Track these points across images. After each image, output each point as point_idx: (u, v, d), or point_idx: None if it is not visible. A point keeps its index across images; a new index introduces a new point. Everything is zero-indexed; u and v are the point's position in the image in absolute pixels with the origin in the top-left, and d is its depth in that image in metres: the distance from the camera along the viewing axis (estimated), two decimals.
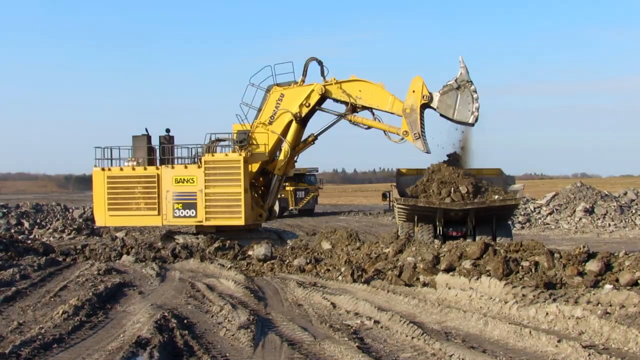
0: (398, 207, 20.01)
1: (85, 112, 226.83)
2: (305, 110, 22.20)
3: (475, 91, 20.42)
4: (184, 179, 21.99)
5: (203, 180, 21.56)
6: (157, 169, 22.23)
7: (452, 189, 19.60)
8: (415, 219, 19.87)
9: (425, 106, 21.01)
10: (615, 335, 8.58)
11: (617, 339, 8.53)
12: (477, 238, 18.19)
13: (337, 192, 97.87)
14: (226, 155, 22.25)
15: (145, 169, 22.38)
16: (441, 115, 20.79)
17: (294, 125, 22.35)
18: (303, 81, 22.41)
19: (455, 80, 20.40)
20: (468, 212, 19.05)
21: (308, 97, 22.07)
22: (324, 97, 22.15)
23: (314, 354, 8.64)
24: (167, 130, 23.31)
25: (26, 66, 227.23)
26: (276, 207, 32.77)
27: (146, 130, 23.23)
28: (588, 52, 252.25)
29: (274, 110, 22.34)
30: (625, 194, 37.22)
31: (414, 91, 21.03)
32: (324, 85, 21.99)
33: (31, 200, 46.22)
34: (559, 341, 8.41)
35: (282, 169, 23.03)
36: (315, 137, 23.06)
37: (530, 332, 8.95)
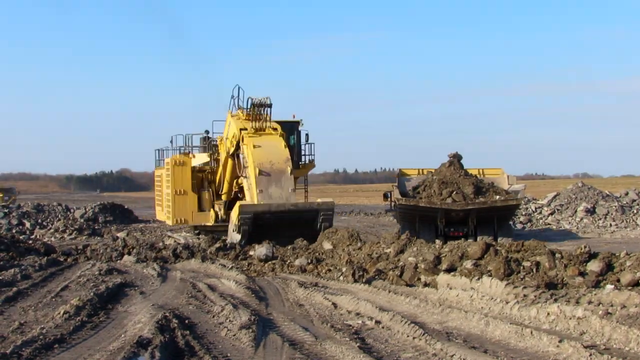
0: (399, 208, 20.04)
1: (86, 112, 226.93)
2: (232, 149, 23.14)
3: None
4: None
5: None
6: None
7: (453, 189, 19.59)
8: (417, 219, 19.93)
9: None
10: (617, 335, 8.58)
11: (618, 339, 8.52)
12: (479, 238, 18.26)
13: (338, 192, 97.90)
14: None
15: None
16: None
17: (229, 162, 23.72)
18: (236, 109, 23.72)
19: None
20: (469, 213, 19.08)
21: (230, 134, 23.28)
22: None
23: (315, 354, 8.65)
24: (207, 132, 24.58)
25: (27, 66, 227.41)
26: None
27: (206, 132, 24.59)
28: (589, 52, 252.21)
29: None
30: (627, 194, 37.19)
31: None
32: (240, 130, 22.54)
33: (32, 200, 46.27)
34: (560, 341, 8.40)
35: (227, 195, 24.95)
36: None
37: (531, 332, 8.94)
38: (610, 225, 32.79)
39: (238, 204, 20.94)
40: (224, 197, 24.88)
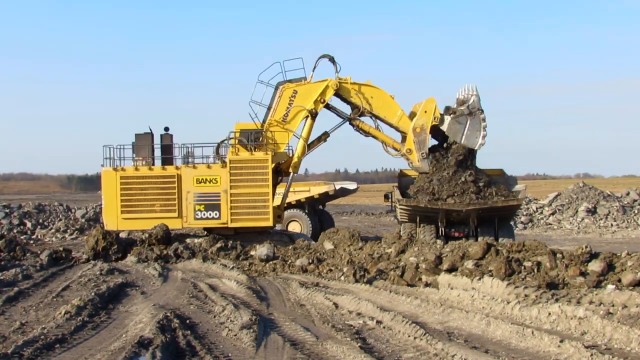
0: (400, 208, 20.19)
1: (87, 111, 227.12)
2: (320, 107, 22.19)
3: (484, 120, 21.29)
4: (206, 179, 21.33)
5: (228, 181, 20.98)
6: (177, 168, 21.48)
7: (454, 190, 19.83)
8: (417, 220, 20.14)
9: (434, 126, 21.53)
10: (618, 335, 8.58)
11: (619, 339, 8.52)
12: (480, 239, 18.33)
13: None
14: (252, 154, 21.55)
15: (164, 168, 21.61)
16: (446, 136, 21.55)
17: (309, 122, 22.31)
18: (312, 77, 22.31)
19: (467, 107, 21.17)
20: (470, 213, 19.25)
21: (323, 92, 22.03)
22: (336, 94, 22.12)
23: (316, 354, 8.64)
24: (166, 129, 22.77)
25: (28, 66, 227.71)
26: None
27: (149, 128, 22.67)
28: (590, 52, 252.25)
29: (287, 108, 22.07)
30: (628, 194, 37.21)
31: (425, 111, 21.63)
32: (339, 82, 21.95)
33: (34, 200, 46.27)
34: (561, 341, 8.40)
35: (297, 167, 22.76)
36: (328, 135, 22.96)
37: (532, 332, 8.94)
38: (612, 225, 32.80)
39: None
40: (294, 170, 22.76)
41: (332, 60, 22.31)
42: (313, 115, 22.11)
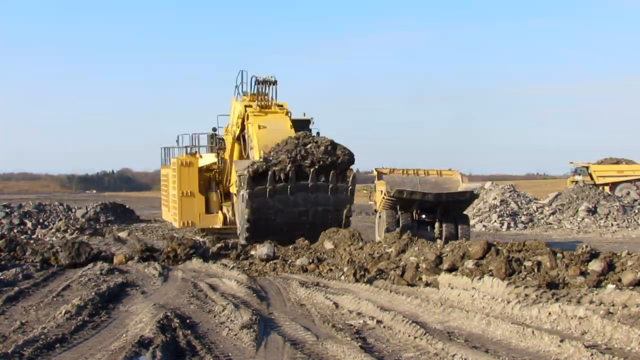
0: (387, 199, 22.18)
1: (86, 111, 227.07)
2: (237, 131, 22.70)
3: None
4: None
5: None
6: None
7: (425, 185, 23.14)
8: (398, 208, 22.45)
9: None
10: (618, 335, 8.58)
11: (619, 338, 8.52)
12: (444, 224, 22.10)
13: None
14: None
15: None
16: None
17: (236, 146, 23.06)
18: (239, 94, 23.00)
19: None
20: (440, 200, 22.13)
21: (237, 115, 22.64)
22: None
23: (316, 354, 8.65)
24: (214, 129, 24.18)
25: (28, 65, 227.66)
26: None
27: (214, 129, 24.09)
28: (590, 52, 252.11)
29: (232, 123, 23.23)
30: (628, 194, 37.23)
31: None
32: (245, 107, 22.19)
33: (34, 200, 46.26)
34: (561, 341, 8.40)
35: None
36: None
37: (532, 332, 8.94)
38: (612, 225, 32.78)
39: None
40: (232, 190, 23.88)
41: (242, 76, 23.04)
42: (233, 137, 22.85)
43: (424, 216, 22.66)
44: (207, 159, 25.60)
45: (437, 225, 22.10)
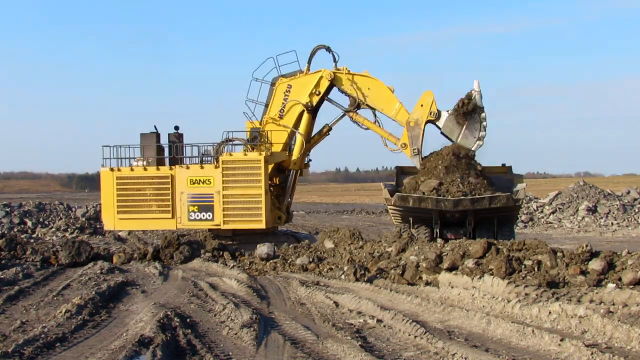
0: (390, 208, 19.52)
1: (88, 111, 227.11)
2: (315, 99, 21.36)
3: (485, 119, 19.85)
4: (200, 180, 20.85)
5: (221, 182, 20.54)
6: (171, 169, 21.12)
7: (446, 187, 18.63)
8: (411, 221, 19.17)
9: (430, 122, 20.49)
10: (618, 334, 8.57)
11: (619, 337, 8.52)
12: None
13: (339, 191, 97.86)
14: (245, 154, 21.09)
15: (157, 169, 21.26)
16: (442, 133, 20.43)
17: (305, 116, 21.54)
18: (309, 69, 21.58)
19: (467, 104, 19.80)
20: (466, 214, 18.00)
21: (317, 84, 21.25)
22: (332, 85, 21.30)
23: (316, 353, 8.64)
24: (176, 128, 21.96)
25: (28, 65, 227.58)
26: None
27: (155, 127, 21.89)
28: (590, 52, 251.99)
29: (282, 103, 21.50)
30: (628, 192, 37.19)
31: (422, 105, 20.49)
32: (334, 72, 21.16)
33: (34, 199, 46.30)
34: (561, 340, 8.40)
35: (298, 164, 22.20)
36: (330, 128, 22.24)
37: (532, 331, 8.94)
38: (612, 224, 32.79)
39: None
40: (294, 167, 22.19)
41: (328, 49, 21.52)
42: (309, 109, 21.41)
43: (448, 232, 18.62)
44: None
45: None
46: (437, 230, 18.65)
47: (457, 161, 19.39)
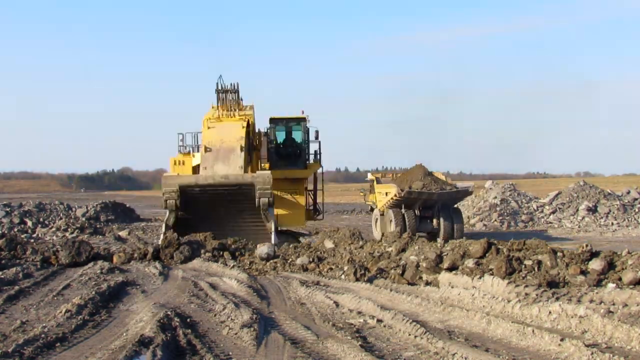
0: (396, 199, 24.58)
1: (87, 111, 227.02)
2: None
3: None
4: None
5: None
6: None
7: (427, 187, 25.03)
8: (402, 206, 25.05)
9: None
10: (618, 334, 8.58)
11: (620, 337, 8.52)
12: (441, 218, 24.92)
13: (339, 190, 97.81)
14: None
15: None
16: None
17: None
18: None
19: None
20: (440, 198, 24.89)
21: None
22: None
23: (317, 353, 8.65)
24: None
25: (28, 65, 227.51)
26: None
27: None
28: (590, 52, 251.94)
29: None
30: (629, 192, 37.17)
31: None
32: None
33: (34, 199, 46.33)
34: (561, 340, 8.40)
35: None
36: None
37: (533, 331, 8.94)
38: (612, 224, 32.78)
39: (163, 175, 21.27)
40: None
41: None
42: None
43: (424, 212, 25.58)
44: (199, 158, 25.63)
45: (434, 220, 25.27)
46: (418, 212, 25.46)
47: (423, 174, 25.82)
